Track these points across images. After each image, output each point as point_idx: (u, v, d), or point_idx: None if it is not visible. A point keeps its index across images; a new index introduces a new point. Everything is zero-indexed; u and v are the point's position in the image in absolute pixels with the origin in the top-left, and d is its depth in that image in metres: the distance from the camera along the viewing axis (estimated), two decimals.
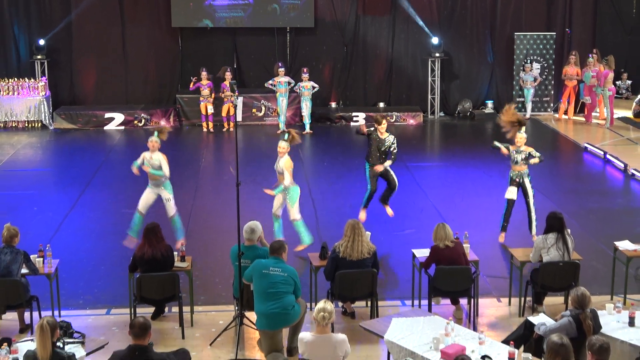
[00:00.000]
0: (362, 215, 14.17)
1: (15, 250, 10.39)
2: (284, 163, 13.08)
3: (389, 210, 14.30)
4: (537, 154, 13.50)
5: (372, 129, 14.04)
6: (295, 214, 13.33)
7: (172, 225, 13.37)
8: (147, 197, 13.35)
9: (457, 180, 17.83)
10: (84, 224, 15.10)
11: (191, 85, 22.51)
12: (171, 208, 13.34)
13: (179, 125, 23.56)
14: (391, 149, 13.94)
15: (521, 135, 13.52)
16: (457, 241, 10.85)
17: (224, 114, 22.75)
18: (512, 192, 13.61)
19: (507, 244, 13.11)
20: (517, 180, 13.56)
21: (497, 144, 13.80)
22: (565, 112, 24.11)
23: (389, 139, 13.94)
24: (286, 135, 13.24)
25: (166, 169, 13.17)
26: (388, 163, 13.96)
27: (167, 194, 13.29)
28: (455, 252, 10.72)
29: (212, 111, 22.75)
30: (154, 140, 13.24)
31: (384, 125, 13.92)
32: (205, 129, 22.73)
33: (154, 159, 13.16)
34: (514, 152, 13.53)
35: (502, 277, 12.29)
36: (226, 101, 22.47)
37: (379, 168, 13.94)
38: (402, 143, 14.82)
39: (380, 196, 14.31)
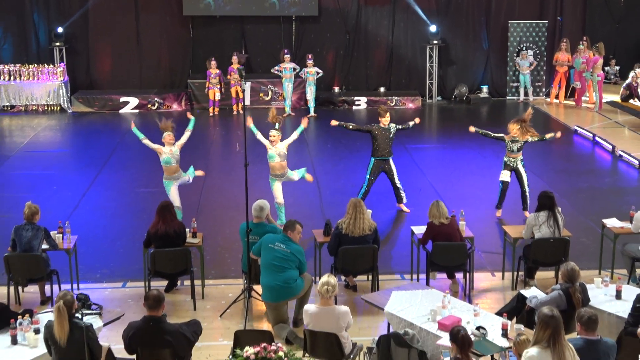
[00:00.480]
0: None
1: (36, 226, 10.42)
2: (284, 144, 13.15)
3: (405, 209, 14.18)
4: (535, 138, 13.54)
5: (373, 124, 13.90)
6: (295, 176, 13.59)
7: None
8: (175, 191, 13.21)
9: (454, 160, 17.81)
10: (101, 202, 15.13)
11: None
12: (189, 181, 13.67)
13: (190, 108, 23.51)
14: (400, 127, 13.88)
15: (514, 126, 13.50)
16: (452, 218, 10.87)
17: (233, 95, 22.78)
18: (505, 175, 13.67)
19: (502, 222, 13.10)
20: (511, 165, 13.58)
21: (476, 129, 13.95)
22: (557, 97, 24.07)
23: (392, 125, 13.85)
24: (277, 125, 13.21)
25: (183, 141, 13.35)
26: (411, 123, 14.06)
27: (186, 177, 13.41)
28: (451, 228, 10.75)
29: (219, 97, 22.79)
30: (170, 135, 13.13)
31: (388, 117, 13.83)
32: (210, 114, 22.72)
33: (174, 151, 13.10)
34: (510, 141, 13.51)
35: (496, 252, 12.29)
36: (233, 84, 22.52)
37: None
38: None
39: (396, 199, 14.20)
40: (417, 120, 14.20)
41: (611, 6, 25.34)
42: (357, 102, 23.97)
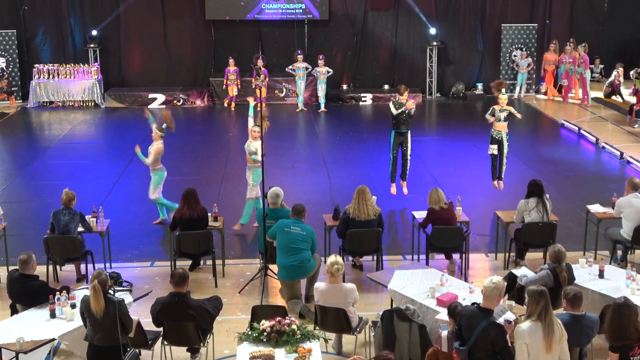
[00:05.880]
0: (393, 189, 13.86)
1: (73, 211, 10.43)
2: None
3: (405, 190, 14.00)
4: (517, 112, 13.65)
5: (395, 100, 13.46)
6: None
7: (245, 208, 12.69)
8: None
9: (451, 152, 17.75)
10: (131, 189, 15.13)
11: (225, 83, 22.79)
12: (250, 191, 12.51)
13: (212, 104, 23.54)
14: (412, 111, 13.61)
15: (503, 96, 13.60)
16: (450, 203, 10.84)
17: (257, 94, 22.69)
18: (493, 149, 13.88)
19: (495, 207, 13.01)
20: (497, 138, 13.64)
21: (486, 116, 13.88)
22: (545, 93, 24.01)
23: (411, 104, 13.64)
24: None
25: (259, 156, 11.93)
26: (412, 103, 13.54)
27: (251, 181, 12.44)
28: (449, 213, 10.73)
29: (236, 93, 22.79)
30: (257, 130, 12.19)
31: (406, 95, 13.48)
32: (232, 109, 22.70)
33: (252, 146, 12.29)
34: (498, 110, 13.58)
35: (489, 235, 12.26)
36: (256, 86, 22.53)
37: (411, 104, 13.37)
38: None
39: (400, 174, 13.98)
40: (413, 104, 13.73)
41: (596, 10, 25.23)
42: (363, 99, 23.92)
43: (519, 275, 9.00)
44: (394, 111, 13.45)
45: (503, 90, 13.71)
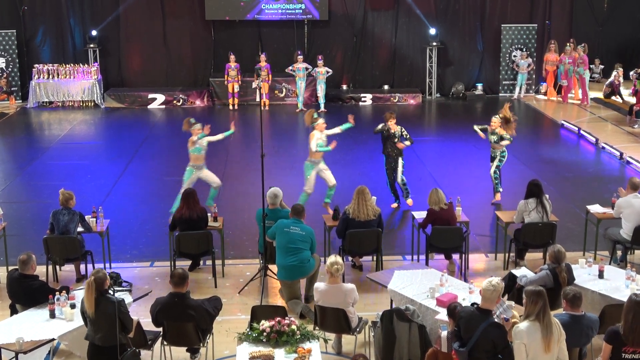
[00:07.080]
0: (395, 205, 13.77)
1: (72, 211, 10.43)
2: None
3: (394, 205, 13.86)
4: (507, 136, 13.48)
5: (384, 125, 13.43)
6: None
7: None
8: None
9: (451, 152, 17.76)
10: (131, 189, 15.14)
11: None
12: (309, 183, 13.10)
13: (212, 104, 23.54)
14: (404, 134, 13.61)
15: (495, 119, 13.55)
16: (450, 204, 10.85)
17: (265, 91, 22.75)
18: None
19: (495, 207, 13.04)
20: (492, 156, 13.62)
21: (475, 128, 13.91)
22: (545, 93, 24.04)
23: (398, 129, 13.61)
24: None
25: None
26: (408, 143, 13.49)
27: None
28: (449, 213, 10.73)
29: (238, 89, 22.82)
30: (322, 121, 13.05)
31: (393, 120, 13.46)
32: (230, 106, 22.74)
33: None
34: (490, 133, 13.57)
35: (489, 235, 12.26)
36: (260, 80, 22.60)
37: (401, 145, 13.38)
38: (403, 120, 14.80)
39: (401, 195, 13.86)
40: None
41: (595, 11, 25.25)
42: (363, 99, 23.93)
43: (519, 276, 9.00)
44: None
45: (498, 116, 13.68)
